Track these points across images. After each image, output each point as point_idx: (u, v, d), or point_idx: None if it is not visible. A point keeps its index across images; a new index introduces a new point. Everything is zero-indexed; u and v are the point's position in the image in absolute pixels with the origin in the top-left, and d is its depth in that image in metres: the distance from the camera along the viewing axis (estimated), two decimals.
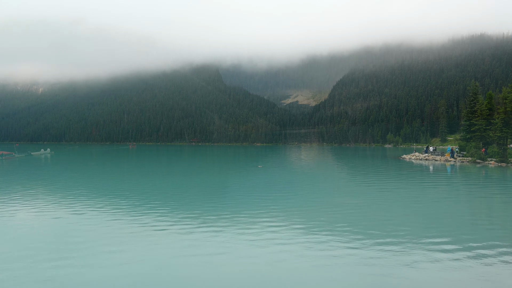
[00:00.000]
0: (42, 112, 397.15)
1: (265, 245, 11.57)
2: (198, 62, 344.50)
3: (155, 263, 10.04)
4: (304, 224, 14.45)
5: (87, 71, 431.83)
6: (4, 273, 9.35)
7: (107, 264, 9.96)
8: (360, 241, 12.12)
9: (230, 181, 30.22)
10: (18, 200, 19.80)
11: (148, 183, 28.85)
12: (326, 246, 11.48)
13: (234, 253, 10.85)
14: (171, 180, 30.71)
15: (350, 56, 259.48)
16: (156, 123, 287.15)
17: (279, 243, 11.79)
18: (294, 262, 10.10)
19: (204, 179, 32.17)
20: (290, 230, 13.49)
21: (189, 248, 11.32)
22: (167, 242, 12.02)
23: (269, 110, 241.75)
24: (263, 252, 10.92)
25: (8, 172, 39.59)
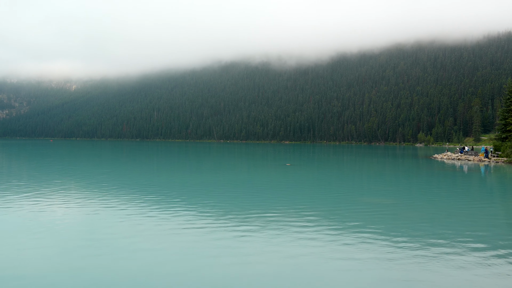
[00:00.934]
0: (75, 109, 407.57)
1: (291, 246, 11.42)
2: (227, 59, 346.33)
3: (183, 262, 10.05)
4: (332, 224, 14.23)
5: (118, 69, 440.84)
6: (41, 264, 9.52)
7: (138, 261, 10.02)
8: (391, 243, 11.84)
9: (258, 179, 30.17)
10: (51, 193, 20.26)
11: (177, 180, 29.09)
12: (354, 248, 11.26)
13: (260, 254, 10.75)
14: (200, 177, 30.88)
15: (381, 53, 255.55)
16: (185, 120, 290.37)
17: (306, 245, 11.62)
18: (320, 264, 9.92)
19: (233, 176, 32.23)
20: (317, 230, 13.31)
21: (217, 248, 11.28)
22: (196, 240, 12.02)
23: (297, 108, 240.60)
24: (289, 253, 10.78)
25: (42, 166, 40.65)
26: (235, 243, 11.49)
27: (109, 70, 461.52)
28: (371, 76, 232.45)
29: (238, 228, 13.30)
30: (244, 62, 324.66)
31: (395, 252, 10.71)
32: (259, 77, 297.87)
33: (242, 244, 11.41)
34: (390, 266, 9.65)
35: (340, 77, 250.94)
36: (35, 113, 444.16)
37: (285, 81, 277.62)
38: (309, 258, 10.23)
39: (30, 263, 9.68)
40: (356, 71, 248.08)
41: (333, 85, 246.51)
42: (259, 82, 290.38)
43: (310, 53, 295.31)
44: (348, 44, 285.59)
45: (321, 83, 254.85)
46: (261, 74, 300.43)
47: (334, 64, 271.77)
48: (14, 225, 13.55)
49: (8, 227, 13.28)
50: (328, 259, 10.17)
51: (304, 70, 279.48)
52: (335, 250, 10.90)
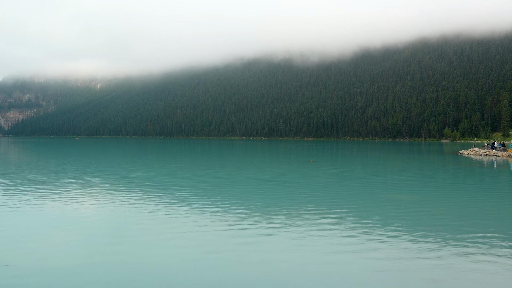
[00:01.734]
0: (100, 107, 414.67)
1: (314, 245, 11.31)
2: (249, 56, 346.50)
3: (205, 259, 10.05)
4: (355, 221, 14.05)
5: (142, 67, 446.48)
6: (68, 259, 9.67)
7: (160, 257, 10.09)
8: (416, 241, 11.60)
9: (281, 176, 30.07)
10: (79, 191, 20.61)
11: (201, 177, 29.23)
12: (378, 247, 11.07)
13: (282, 252, 10.68)
14: (224, 174, 30.96)
15: (405, 48, 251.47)
16: (208, 118, 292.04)
17: (329, 242, 11.51)
18: (344, 263, 9.79)
19: (256, 173, 32.21)
20: (340, 227, 13.16)
21: (240, 245, 11.27)
22: (220, 238, 12.04)
23: (320, 104, 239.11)
24: (312, 251, 10.68)
25: (70, 164, 41.43)
26: (258, 241, 11.45)
27: (132, 68, 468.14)
28: (395, 71, 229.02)
29: (261, 226, 13.25)
30: (266, 59, 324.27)
31: (421, 251, 10.49)
32: (281, 73, 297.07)
33: (265, 243, 11.36)
34: (416, 265, 9.45)
35: (364, 73, 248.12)
36: (61, 111, 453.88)
37: (307, 77, 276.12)
38: (333, 255, 10.11)
39: (57, 258, 9.87)
40: (380, 66, 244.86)
41: (356, 80, 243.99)
42: (281, 79, 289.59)
43: (332, 49, 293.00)
44: (372, 39, 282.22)
45: (344, 78, 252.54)
46: (284, 70, 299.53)
47: (357, 60, 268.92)
48: (43, 221, 13.84)
49: (37, 223, 13.57)
50: (351, 257, 10.03)
51: (327, 66, 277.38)
52: (359, 248, 10.75)
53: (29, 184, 23.72)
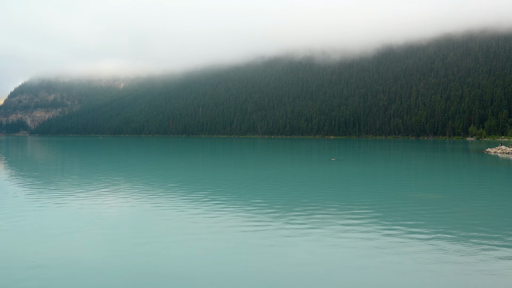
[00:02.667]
0: (123, 107, 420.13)
1: (336, 243, 11.22)
2: (270, 55, 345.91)
3: (228, 258, 10.07)
4: (379, 220, 13.88)
5: (163, 67, 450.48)
6: (92, 256, 9.83)
7: (184, 255, 10.16)
8: (441, 240, 11.40)
9: (303, 174, 29.94)
10: (101, 189, 20.92)
11: (223, 175, 29.32)
12: (401, 246, 10.91)
13: (304, 252, 10.61)
14: (245, 173, 31.00)
15: (429, 44, 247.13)
16: (229, 116, 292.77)
17: (352, 241, 11.39)
18: (367, 262, 9.67)
19: (277, 172, 32.14)
20: (363, 226, 13.02)
21: (262, 245, 11.25)
22: (241, 236, 12.05)
23: (342, 102, 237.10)
24: (334, 251, 10.60)
25: (95, 162, 42.08)
26: (280, 240, 11.41)
27: (154, 68, 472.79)
28: (419, 68, 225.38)
29: (283, 225, 13.20)
30: (288, 57, 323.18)
31: (445, 251, 10.30)
32: (303, 72, 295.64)
33: (287, 242, 11.32)
34: (441, 265, 9.28)
35: (386, 70, 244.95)
36: (86, 111, 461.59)
37: (329, 75, 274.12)
38: (355, 255, 10.01)
39: (82, 254, 10.05)
40: (403, 63, 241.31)
41: (379, 78, 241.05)
42: (303, 77, 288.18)
43: (354, 46, 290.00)
44: (394, 36, 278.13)
45: (367, 76, 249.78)
46: (305, 68, 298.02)
47: (379, 57, 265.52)
48: (68, 219, 14.09)
49: (63, 221, 13.82)
50: (374, 256, 9.90)
51: (349, 63, 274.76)
52: (382, 247, 10.62)
53: (55, 183, 24.19)
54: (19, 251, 10.34)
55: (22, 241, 11.25)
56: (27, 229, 12.53)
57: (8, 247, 10.74)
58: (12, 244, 11.00)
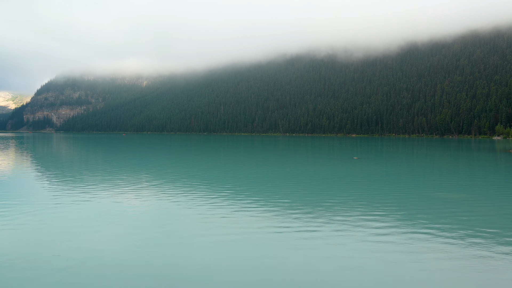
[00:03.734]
0: (146, 104, 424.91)
1: (357, 242, 11.07)
2: (292, 53, 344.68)
3: (250, 257, 10.04)
4: (402, 220, 13.65)
5: (186, 65, 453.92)
6: (116, 251, 9.93)
7: (205, 252, 10.19)
8: (465, 240, 11.12)
9: (325, 172, 29.71)
10: (125, 186, 21.15)
11: (245, 173, 29.32)
12: (424, 245, 10.69)
13: (325, 249, 10.50)
14: (267, 171, 30.93)
15: (454, 41, 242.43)
16: (251, 114, 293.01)
17: (374, 240, 11.22)
18: (390, 262, 9.50)
19: (299, 170, 31.99)
20: (386, 226, 12.82)
21: (284, 242, 11.18)
22: (262, 232, 12.02)
23: (365, 100, 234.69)
24: (355, 250, 10.45)
25: (118, 159, 42.62)
26: (300, 240, 11.33)
27: (177, 66, 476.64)
28: (444, 65, 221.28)
29: (304, 223, 13.11)
30: (310, 55, 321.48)
31: (472, 251, 10.04)
32: (325, 69, 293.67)
33: (308, 240, 11.23)
34: (467, 265, 9.04)
35: (410, 68, 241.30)
36: (109, 108, 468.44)
37: (352, 73, 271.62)
38: (379, 254, 9.85)
39: (106, 250, 10.22)
40: (428, 60, 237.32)
41: (402, 75, 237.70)
42: (325, 75, 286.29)
43: (378, 44, 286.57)
44: (419, 33, 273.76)
45: (390, 74, 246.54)
46: (327, 66, 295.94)
47: (403, 54, 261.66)
48: (92, 215, 14.33)
49: (87, 217, 14.06)
50: (397, 256, 9.74)
51: (372, 61, 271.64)
52: (405, 247, 10.43)
53: (80, 179, 24.59)
54: (45, 245, 10.57)
55: (48, 236, 11.50)
56: (52, 224, 12.80)
57: (35, 241, 10.99)
58: (39, 238, 11.26)
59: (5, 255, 9.65)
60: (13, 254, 9.78)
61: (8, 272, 8.62)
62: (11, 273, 8.54)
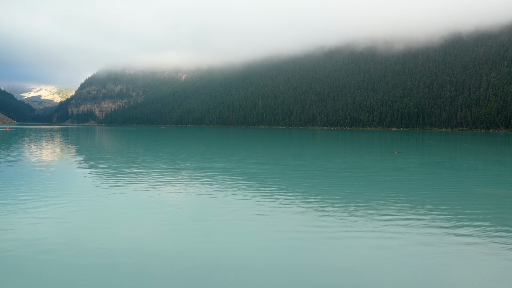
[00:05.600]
0: (185, 98, 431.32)
1: (396, 239, 10.73)
2: (331, 45, 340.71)
3: (287, 250, 9.94)
4: (443, 217, 13.15)
5: (224, 58, 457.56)
6: (155, 241, 10.05)
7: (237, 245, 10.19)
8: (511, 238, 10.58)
9: (363, 167, 29.14)
10: (164, 177, 21.44)
11: (281, 166, 29.17)
12: (466, 243, 10.23)
13: (363, 247, 10.24)
14: (304, 164, 30.65)
15: (502, 31, 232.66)
16: (289, 107, 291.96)
17: (415, 239, 10.85)
18: (431, 262, 9.15)
19: (337, 163, 31.53)
20: (427, 223, 12.39)
21: (319, 237, 11.03)
22: (301, 230, 11.88)
23: (406, 93, 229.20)
24: (394, 247, 10.13)
25: (159, 151, 43.35)
26: (340, 235, 11.12)
27: (215, 59, 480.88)
28: (490, 57, 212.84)
29: (342, 218, 12.87)
30: (348, 47, 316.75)
31: None
32: (364, 62, 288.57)
33: (346, 237, 11.00)
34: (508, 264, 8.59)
35: (454, 59, 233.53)
36: (149, 101, 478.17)
37: (392, 65, 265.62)
38: (417, 252, 9.52)
39: (146, 240, 10.42)
40: (472, 52, 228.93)
41: (445, 68, 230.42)
42: (364, 67, 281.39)
43: (419, 35, 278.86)
44: (463, 23, 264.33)
45: (432, 66, 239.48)
46: (367, 59, 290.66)
47: (447, 46, 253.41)
48: (132, 206, 14.67)
49: (127, 208, 14.40)
50: (438, 254, 9.36)
51: (414, 53, 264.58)
52: (448, 246, 10.03)
53: (121, 170, 25.15)
54: (88, 234, 10.89)
55: (91, 225, 11.85)
56: (95, 214, 13.17)
57: (79, 230, 11.35)
58: (82, 227, 11.63)
59: (50, 243, 10.01)
60: (58, 242, 10.15)
61: (54, 259, 8.95)
62: (57, 261, 8.87)
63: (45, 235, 10.63)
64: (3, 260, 8.74)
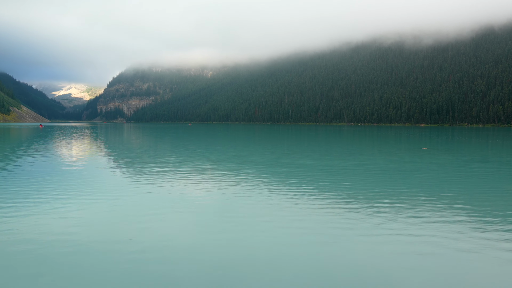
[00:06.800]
0: (211, 94, 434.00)
1: (425, 237, 10.54)
2: (357, 41, 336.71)
3: (313, 248, 9.90)
4: (475, 215, 12.85)
5: (249, 55, 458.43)
6: (183, 236, 10.18)
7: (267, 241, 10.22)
8: None
9: (391, 163, 28.71)
10: (191, 174, 21.65)
11: (307, 162, 29.04)
12: (502, 245, 9.95)
13: (390, 244, 10.10)
14: (330, 160, 30.44)
15: None
16: (315, 104, 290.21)
17: (443, 238, 10.64)
18: (463, 264, 8.95)
19: (363, 160, 31.17)
20: (459, 221, 12.12)
21: (346, 235, 10.94)
22: (327, 226, 11.81)
23: (435, 88, 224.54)
24: (422, 245, 9.96)
25: (185, 148, 43.78)
26: (365, 232, 10.99)
27: (240, 56, 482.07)
28: None
29: (369, 216, 12.72)
30: (376, 43, 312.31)
31: None
32: (392, 57, 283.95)
33: (374, 235, 10.86)
34: None
35: (486, 53, 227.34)
36: (176, 99, 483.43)
37: (421, 60, 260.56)
38: (446, 252, 9.31)
39: (174, 235, 10.57)
40: (505, 45, 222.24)
41: (476, 62, 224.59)
42: (392, 63, 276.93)
43: (449, 29, 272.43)
44: (495, 15, 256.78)
45: (463, 60, 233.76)
46: (394, 54, 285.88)
47: (478, 39, 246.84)
48: (160, 202, 14.87)
49: (155, 203, 14.58)
50: (470, 255, 9.15)
51: (443, 47, 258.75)
52: (479, 247, 9.78)
53: (150, 167, 25.53)
54: (119, 230, 11.12)
55: (121, 221, 12.07)
56: (125, 210, 13.43)
57: (110, 225, 11.60)
58: (112, 223, 11.86)
59: (81, 239, 10.23)
60: (89, 238, 10.37)
61: (85, 255, 9.15)
62: (88, 256, 9.07)
63: (77, 231, 10.89)
64: (37, 256, 8.99)
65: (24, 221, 11.68)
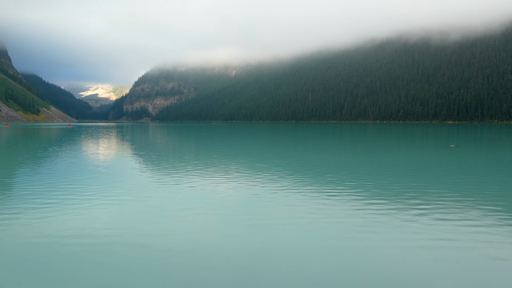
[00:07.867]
0: (235, 93, 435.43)
1: (452, 241, 10.30)
2: (382, 37, 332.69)
3: (335, 247, 9.80)
4: (505, 218, 12.48)
5: (272, 53, 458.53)
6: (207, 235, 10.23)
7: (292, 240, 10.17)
8: None
9: (418, 161, 28.19)
10: (214, 172, 21.74)
11: (332, 160, 28.80)
12: None
13: (417, 248, 9.90)
14: (355, 159, 30.12)
15: None
16: (339, 101, 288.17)
17: (472, 239, 10.37)
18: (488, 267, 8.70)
19: (389, 158, 30.73)
20: (488, 222, 11.80)
21: (370, 237, 10.77)
22: (351, 226, 11.68)
23: (463, 84, 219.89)
24: (448, 247, 9.73)
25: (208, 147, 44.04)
26: (389, 231, 10.80)
27: (264, 55, 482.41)
28: None
29: (394, 215, 12.49)
30: (401, 39, 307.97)
31: None
32: (418, 53, 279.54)
33: (398, 235, 10.66)
34: None
35: None
36: (200, 98, 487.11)
37: (448, 55, 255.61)
38: (471, 254, 9.05)
39: (199, 233, 10.56)
40: None
41: (507, 57, 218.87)
42: (418, 59, 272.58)
43: (477, 24, 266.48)
44: None
45: (492, 55, 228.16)
46: (421, 50, 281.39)
47: (508, 33, 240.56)
48: (184, 199, 14.92)
49: (180, 201, 14.66)
50: (503, 263, 8.87)
51: (471, 42, 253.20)
52: (505, 246, 9.50)
53: (175, 166, 25.71)
54: (143, 227, 11.18)
55: (146, 219, 12.14)
56: (150, 208, 13.51)
57: (135, 223, 11.68)
58: (137, 221, 11.95)
59: (106, 236, 10.32)
60: (114, 235, 10.45)
61: (109, 252, 9.24)
62: (113, 253, 9.15)
63: (102, 228, 11.01)
64: (62, 254, 9.12)
65: (51, 221, 11.88)
